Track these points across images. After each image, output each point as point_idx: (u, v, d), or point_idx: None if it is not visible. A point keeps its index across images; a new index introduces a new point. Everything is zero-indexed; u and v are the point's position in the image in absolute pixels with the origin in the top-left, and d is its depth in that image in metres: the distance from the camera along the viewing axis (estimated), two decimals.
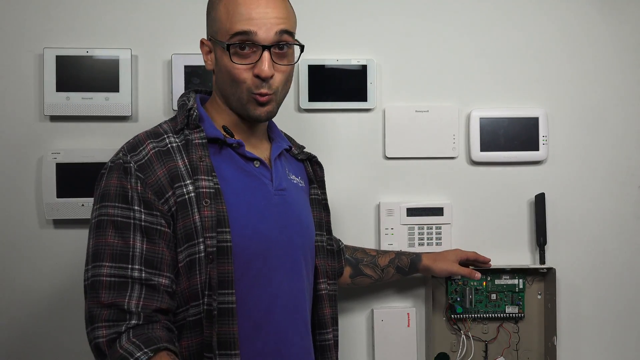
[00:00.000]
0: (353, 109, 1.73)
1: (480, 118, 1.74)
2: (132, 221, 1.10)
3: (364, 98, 1.72)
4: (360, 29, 1.74)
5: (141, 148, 1.15)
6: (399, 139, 1.74)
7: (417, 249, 1.72)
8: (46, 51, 1.63)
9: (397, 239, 1.72)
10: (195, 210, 1.12)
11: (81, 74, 1.64)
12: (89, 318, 1.09)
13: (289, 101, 1.73)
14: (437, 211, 1.73)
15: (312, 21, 1.72)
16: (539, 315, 1.74)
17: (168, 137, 1.18)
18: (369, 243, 1.73)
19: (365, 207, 1.74)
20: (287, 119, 1.72)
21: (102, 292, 1.07)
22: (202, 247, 1.11)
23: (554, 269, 1.70)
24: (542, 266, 1.72)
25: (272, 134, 1.33)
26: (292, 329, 1.22)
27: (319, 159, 1.41)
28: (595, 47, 1.80)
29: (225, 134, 1.22)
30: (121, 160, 1.14)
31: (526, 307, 1.73)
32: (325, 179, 1.42)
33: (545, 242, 1.74)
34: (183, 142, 1.17)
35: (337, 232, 1.70)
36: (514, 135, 1.75)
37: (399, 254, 1.62)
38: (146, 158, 1.14)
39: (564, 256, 1.78)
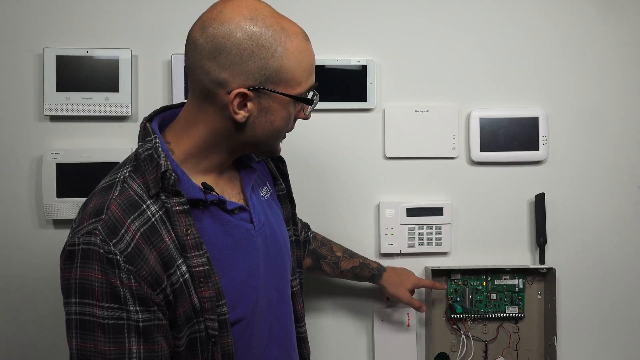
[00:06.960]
0: (353, 109, 1.73)
1: (480, 118, 1.74)
2: (125, 322, 0.95)
3: (364, 98, 1.72)
4: (360, 29, 1.74)
5: (122, 231, 0.96)
6: (399, 139, 1.74)
7: (417, 249, 1.72)
8: (46, 51, 1.63)
9: (397, 239, 1.72)
10: (193, 292, 1.01)
11: (81, 74, 1.64)
12: None
13: None
14: (437, 211, 1.73)
15: (312, 21, 1.72)
16: (539, 315, 1.74)
17: (148, 207, 1.00)
18: (369, 243, 1.73)
19: (365, 207, 1.74)
20: None
21: None
22: (202, 326, 1.02)
23: (554, 269, 1.70)
24: (542, 266, 1.72)
25: None
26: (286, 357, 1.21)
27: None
28: (595, 47, 1.80)
29: (205, 190, 1.06)
30: (102, 250, 0.94)
31: (526, 307, 1.73)
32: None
33: (545, 242, 1.74)
34: (163, 209, 1.01)
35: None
36: (513, 135, 1.75)
37: (363, 264, 1.59)
38: (133, 245, 0.96)
39: (564, 256, 1.78)
